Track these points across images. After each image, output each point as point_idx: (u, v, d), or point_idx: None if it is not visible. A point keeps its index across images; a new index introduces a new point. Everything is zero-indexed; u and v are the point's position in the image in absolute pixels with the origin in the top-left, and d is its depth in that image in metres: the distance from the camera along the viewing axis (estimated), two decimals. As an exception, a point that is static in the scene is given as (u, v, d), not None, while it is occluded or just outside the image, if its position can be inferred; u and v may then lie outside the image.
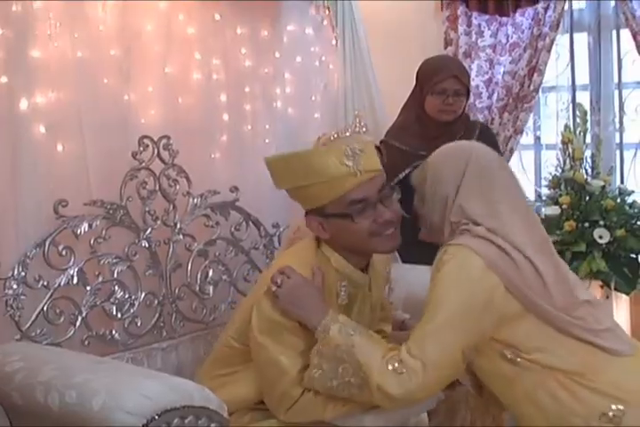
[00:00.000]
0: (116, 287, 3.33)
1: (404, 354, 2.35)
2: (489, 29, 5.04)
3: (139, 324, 3.39)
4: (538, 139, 5.20)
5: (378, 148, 3.33)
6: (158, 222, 3.50)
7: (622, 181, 4.86)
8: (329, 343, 2.42)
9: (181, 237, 3.59)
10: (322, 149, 2.54)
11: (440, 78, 3.96)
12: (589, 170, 4.47)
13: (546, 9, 4.78)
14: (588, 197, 4.36)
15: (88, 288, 3.23)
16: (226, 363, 2.78)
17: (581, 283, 2.63)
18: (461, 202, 2.52)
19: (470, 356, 2.43)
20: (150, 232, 3.46)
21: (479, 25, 5.05)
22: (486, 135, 4.21)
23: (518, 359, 2.40)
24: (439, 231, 2.60)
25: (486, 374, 2.53)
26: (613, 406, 2.31)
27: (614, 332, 2.49)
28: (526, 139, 5.14)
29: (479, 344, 2.41)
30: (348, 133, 2.65)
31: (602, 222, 4.27)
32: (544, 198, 4.59)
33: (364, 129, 2.65)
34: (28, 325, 3.04)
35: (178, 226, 3.57)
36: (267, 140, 4.13)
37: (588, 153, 4.51)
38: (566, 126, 4.57)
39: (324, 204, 2.54)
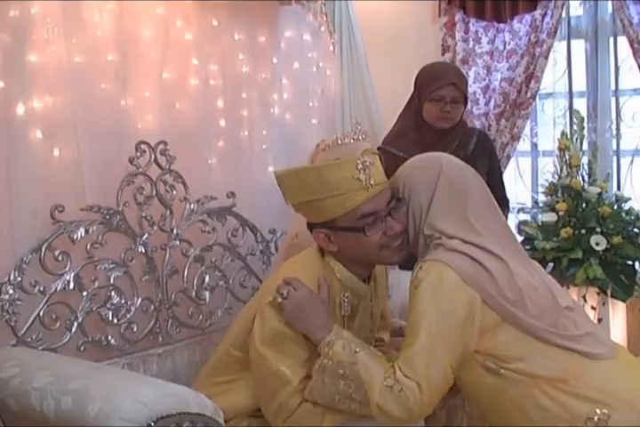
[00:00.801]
0: (113, 293, 3.32)
1: (398, 374, 2.36)
2: (486, 36, 5.04)
3: (135, 329, 3.39)
4: (535, 145, 5.20)
5: (378, 154, 3.33)
6: (155, 228, 3.50)
7: (619, 188, 4.86)
8: (332, 359, 2.43)
9: (178, 242, 3.59)
10: (334, 162, 2.52)
11: (438, 85, 3.95)
12: (586, 177, 4.46)
13: (543, 16, 4.78)
14: (584, 204, 4.36)
15: (84, 293, 3.23)
16: (225, 371, 2.78)
17: (560, 288, 2.64)
18: (434, 215, 2.53)
19: (456, 371, 2.43)
20: (147, 238, 3.46)
21: (476, 31, 5.05)
22: (483, 142, 4.22)
23: (501, 371, 2.40)
24: (414, 243, 2.62)
25: (472, 388, 2.52)
26: (598, 411, 2.32)
27: (594, 335, 2.49)
28: (523, 145, 5.14)
29: (464, 357, 2.41)
30: (347, 140, 2.66)
31: (598, 229, 4.26)
32: (541, 205, 4.59)
33: (362, 136, 2.65)
34: (23, 330, 3.03)
35: (174, 231, 3.57)
36: (264, 146, 4.14)
37: (584, 160, 4.51)
38: (563, 133, 4.56)
39: (333, 217, 2.55)
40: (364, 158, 2.52)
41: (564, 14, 4.83)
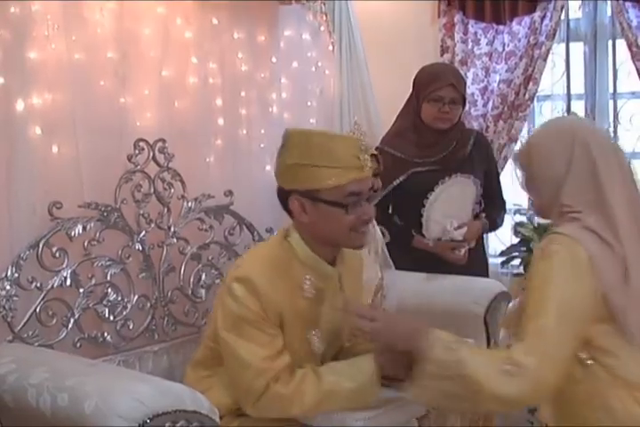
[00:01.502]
0: (109, 290, 3.33)
1: (516, 353, 2.26)
2: (485, 37, 5.04)
3: (131, 326, 3.40)
4: (532, 147, 5.20)
5: (376, 155, 3.34)
6: (152, 225, 3.51)
7: (616, 191, 4.86)
8: (434, 362, 2.32)
9: (175, 240, 3.60)
10: (342, 135, 2.63)
11: (437, 86, 3.96)
12: (583, 179, 4.47)
13: (542, 18, 4.79)
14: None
15: (81, 290, 3.24)
16: (206, 365, 2.82)
17: None
18: (573, 184, 2.43)
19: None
20: (144, 235, 3.46)
21: (476, 33, 5.06)
22: (481, 143, 4.22)
23: (589, 362, 2.34)
24: (548, 211, 2.53)
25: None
26: None
27: None
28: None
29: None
30: None
31: (594, 231, 4.27)
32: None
33: (362, 136, 2.68)
34: (20, 326, 3.04)
35: (172, 229, 3.57)
36: (262, 145, 4.14)
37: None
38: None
39: (319, 188, 2.57)
40: (364, 141, 2.60)
41: (563, 17, 4.83)
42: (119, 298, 3.36)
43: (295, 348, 2.66)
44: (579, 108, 4.93)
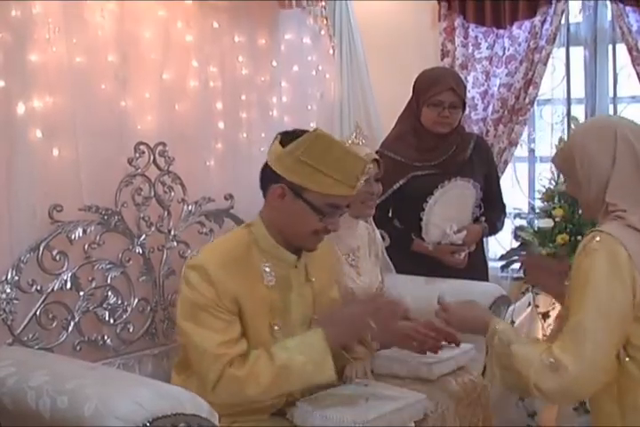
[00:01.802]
0: (109, 293, 3.33)
1: (556, 350, 2.35)
2: (486, 41, 5.05)
3: (131, 330, 3.40)
4: (532, 151, 5.21)
5: (377, 160, 3.35)
6: (152, 229, 3.51)
7: (615, 195, 4.86)
8: (495, 352, 2.55)
9: (175, 243, 3.59)
10: (357, 154, 2.70)
11: (437, 91, 3.96)
12: (583, 183, 4.47)
13: (543, 22, 4.80)
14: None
15: (81, 293, 3.24)
16: (185, 365, 2.83)
17: None
18: (618, 183, 2.45)
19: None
20: (144, 238, 3.46)
21: (476, 37, 5.07)
22: (481, 147, 4.23)
23: (626, 359, 2.37)
24: (595, 211, 2.56)
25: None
26: None
27: None
28: (520, 151, 5.15)
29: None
30: (349, 142, 2.72)
31: (595, 236, 4.27)
32: (537, 211, 4.59)
33: (363, 141, 2.71)
34: (20, 329, 3.04)
35: (172, 233, 3.57)
36: (262, 149, 4.12)
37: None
38: (561, 139, 4.55)
39: (309, 188, 2.66)
40: (370, 166, 2.73)
41: (563, 21, 4.84)
42: (119, 301, 3.36)
43: (261, 335, 2.71)
44: (579, 112, 4.93)
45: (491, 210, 4.18)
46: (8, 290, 3.00)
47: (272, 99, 4.33)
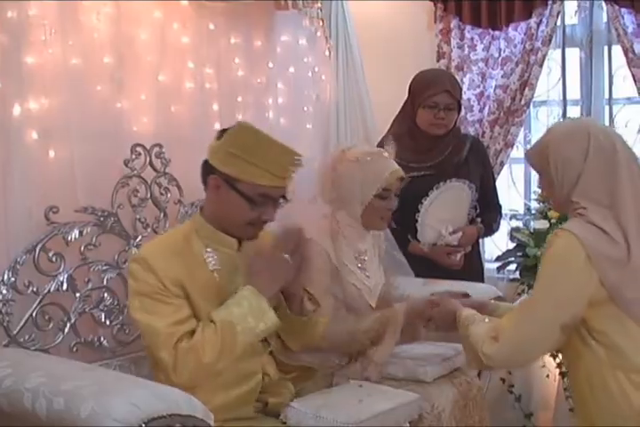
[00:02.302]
0: (106, 294, 3.34)
1: (503, 320, 2.68)
2: (481, 43, 5.05)
3: (127, 331, 3.40)
4: (528, 153, 5.21)
5: (402, 177, 3.37)
6: (149, 230, 3.51)
7: (611, 196, 4.86)
8: (462, 336, 2.82)
9: (171, 245, 3.59)
10: (285, 146, 2.79)
11: (432, 92, 3.97)
12: (579, 184, 4.47)
13: (538, 24, 4.79)
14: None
15: (77, 295, 3.24)
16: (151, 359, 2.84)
17: None
18: (584, 184, 2.59)
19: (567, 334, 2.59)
20: (141, 240, 3.47)
21: (472, 38, 5.06)
22: (477, 148, 4.23)
23: (592, 342, 2.54)
24: (565, 207, 2.71)
25: (562, 346, 2.67)
26: None
27: None
28: (516, 152, 5.14)
29: (571, 324, 2.55)
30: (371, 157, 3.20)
31: (590, 237, 4.27)
32: (533, 212, 4.60)
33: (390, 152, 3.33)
34: (16, 330, 3.05)
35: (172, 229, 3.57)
36: (258, 150, 4.14)
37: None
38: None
39: (241, 179, 2.76)
40: (299, 158, 2.81)
41: (559, 23, 4.83)
42: (115, 303, 3.36)
43: None
44: (575, 113, 4.93)
45: (486, 211, 4.18)
46: (4, 291, 3.01)
47: (268, 100, 4.34)
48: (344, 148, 3.43)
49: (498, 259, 4.72)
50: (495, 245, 5.09)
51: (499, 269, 4.65)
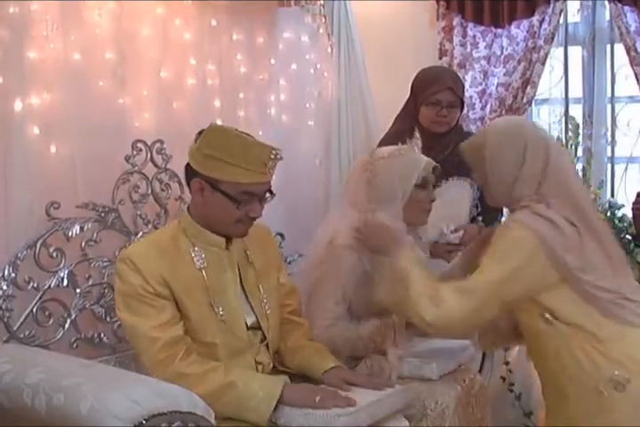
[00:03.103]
0: (106, 290, 3.33)
1: (450, 289, 2.73)
2: (484, 41, 5.04)
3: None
4: (529, 151, 5.20)
5: (436, 167, 3.37)
6: (149, 226, 3.51)
7: (612, 195, 4.86)
8: (398, 266, 2.86)
9: (172, 241, 3.59)
10: (259, 142, 2.81)
11: (435, 90, 3.96)
12: (580, 183, 4.47)
13: (541, 22, 4.79)
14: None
15: (78, 291, 3.24)
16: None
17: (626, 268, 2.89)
18: (525, 180, 2.78)
19: (515, 312, 2.83)
20: (141, 236, 3.46)
21: (474, 36, 5.06)
22: (479, 146, 4.22)
23: (552, 320, 2.71)
24: (501, 201, 2.96)
25: (525, 327, 2.85)
26: (620, 374, 2.61)
27: None
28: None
29: (521, 302, 2.76)
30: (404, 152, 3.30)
31: (591, 236, 4.27)
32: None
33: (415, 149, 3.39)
34: (16, 326, 3.05)
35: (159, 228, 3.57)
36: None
37: (579, 166, 4.52)
38: (558, 139, 4.57)
39: (222, 180, 2.77)
40: (277, 151, 2.79)
41: (561, 21, 4.84)
42: (116, 299, 3.36)
43: (202, 313, 2.82)
44: (576, 112, 4.93)
45: (488, 210, 4.16)
46: (4, 287, 3.01)
47: (270, 97, 4.34)
48: (372, 149, 3.44)
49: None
50: (496, 243, 5.08)
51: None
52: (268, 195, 2.89)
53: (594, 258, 2.72)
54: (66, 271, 3.20)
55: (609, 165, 4.93)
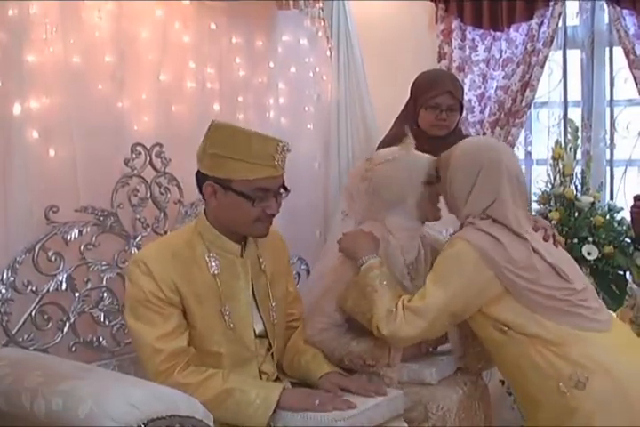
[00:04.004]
0: (105, 294, 3.34)
1: (399, 305, 2.86)
2: (483, 44, 5.05)
3: (126, 331, 3.36)
4: (529, 154, 5.19)
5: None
6: (148, 230, 3.51)
7: (612, 198, 4.86)
8: (365, 280, 2.95)
9: (171, 245, 3.59)
10: (262, 135, 2.81)
11: (434, 93, 3.95)
12: (579, 186, 4.46)
13: (540, 25, 4.79)
14: (577, 214, 4.35)
15: (76, 294, 3.24)
16: None
17: (577, 270, 3.06)
18: (472, 202, 2.97)
19: (457, 322, 2.99)
20: (140, 240, 3.47)
21: (473, 39, 5.06)
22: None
23: (506, 329, 2.84)
24: (455, 212, 3.10)
25: (484, 340, 2.99)
26: (579, 373, 2.73)
27: (594, 311, 2.89)
28: (517, 154, 5.14)
29: (473, 316, 2.92)
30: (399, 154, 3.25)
31: (590, 239, 4.26)
32: (534, 214, 4.59)
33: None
34: (15, 330, 3.05)
35: (168, 234, 3.56)
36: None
37: (578, 169, 4.51)
38: (557, 142, 4.56)
39: (233, 179, 2.75)
40: (283, 143, 2.79)
41: (560, 24, 4.84)
42: (115, 302, 3.36)
43: (212, 320, 2.82)
44: (575, 115, 4.93)
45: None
46: (3, 291, 3.01)
47: (269, 100, 4.34)
48: (367, 157, 3.39)
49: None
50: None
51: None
52: (282, 191, 2.86)
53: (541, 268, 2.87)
54: (64, 275, 3.20)
55: (608, 168, 4.94)
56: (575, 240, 4.26)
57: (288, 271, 3.23)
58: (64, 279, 3.20)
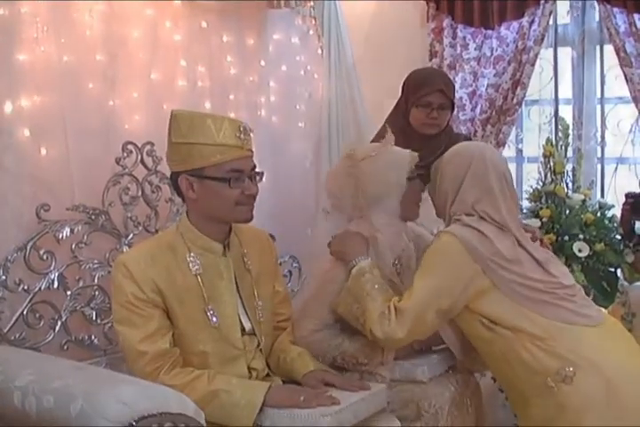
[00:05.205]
0: (97, 292, 3.34)
1: (391, 306, 2.87)
2: (474, 42, 5.05)
3: (117, 329, 3.39)
4: (520, 151, 5.21)
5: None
6: (140, 228, 3.52)
7: (602, 196, 4.88)
8: (357, 285, 2.97)
9: (162, 243, 3.59)
10: (224, 117, 2.83)
11: (426, 92, 3.94)
12: (570, 184, 4.47)
13: (531, 23, 4.80)
14: (568, 211, 4.36)
15: (68, 293, 3.25)
16: None
17: (562, 268, 3.11)
18: (460, 200, 3.02)
19: (446, 320, 3.01)
20: (132, 238, 3.47)
21: (464, 37, 5.07)
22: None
23: (492, 325, 2.87)
24: (443, 213, 3.14)
25: (471, 339, 3.02)
26: (566, 368, 2.75)
27: (582, 306, 2.93)
28: (508, 151, 5.15)
29: (459, 312, 2.93)
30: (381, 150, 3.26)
31: (581, 236, 4.26)
32: (525, 211, 4.60)
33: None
34: (7, 328, 3.05)
35: (159, 232, 3.56)
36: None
37: (569, 167, 4.52)
38: (548, 140, 4.56)
39: (204, 166, 2.75)
40: (244, 124, 2.82)
41: (551, 22, 4.85)
42: (106, 301, 3.36)
43: (196, 320, 2.82)
44: (566, 113, 4.94)
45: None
46: (-5, 289, 3.01)
47: (260, 99, 4.34)
48: (347, 153, 3.33)
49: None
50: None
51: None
52: (256, 175, 2.87)
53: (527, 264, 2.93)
54: (56, 273, 3.20)
55: (599, 166, 4.96)
56: (566, 238, 4.27)
57: (276, 271, 3.21)
58: (56, 278, 3.20)
